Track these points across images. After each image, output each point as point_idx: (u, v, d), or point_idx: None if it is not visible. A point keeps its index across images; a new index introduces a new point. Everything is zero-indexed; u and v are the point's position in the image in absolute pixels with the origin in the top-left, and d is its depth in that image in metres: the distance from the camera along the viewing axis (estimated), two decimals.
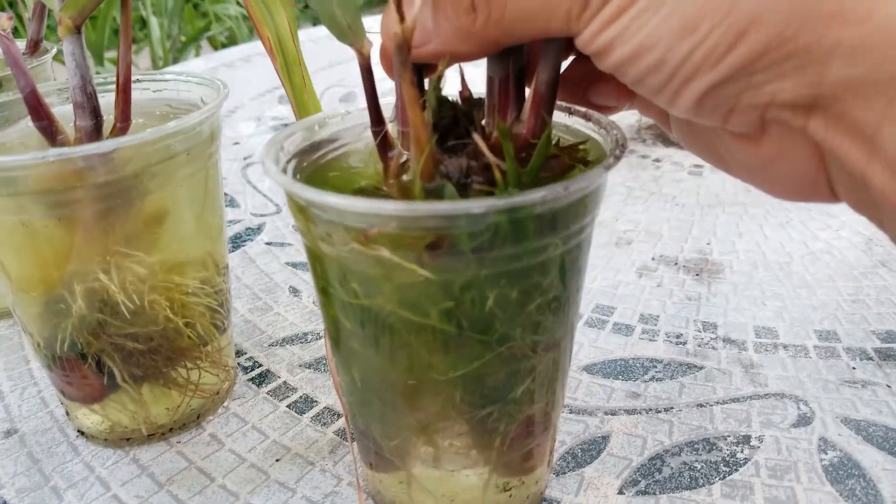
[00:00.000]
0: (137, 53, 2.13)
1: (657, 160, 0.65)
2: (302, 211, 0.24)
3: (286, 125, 0.77)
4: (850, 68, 0.19)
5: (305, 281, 0.47)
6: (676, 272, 0.47)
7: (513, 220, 0.21)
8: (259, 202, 0.59)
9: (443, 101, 0.23)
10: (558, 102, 0.30)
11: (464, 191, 0.22)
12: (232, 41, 2.15)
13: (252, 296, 0.46)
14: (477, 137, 0.22)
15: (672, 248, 0.50)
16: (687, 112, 0.22)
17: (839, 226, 0.51)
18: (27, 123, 0.35)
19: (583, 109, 0.29)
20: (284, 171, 0.26)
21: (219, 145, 0.35)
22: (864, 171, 0.20)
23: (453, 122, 0.23)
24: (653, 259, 0.48)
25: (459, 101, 0.24)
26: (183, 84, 0.36)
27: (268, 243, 0.52)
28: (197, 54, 1.93)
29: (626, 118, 0.75)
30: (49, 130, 0.34)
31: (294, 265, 0.49)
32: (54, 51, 0.45)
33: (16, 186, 0.28)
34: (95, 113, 0.34)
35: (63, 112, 0.35)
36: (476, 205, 0.20)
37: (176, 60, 1.85)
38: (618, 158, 0.24)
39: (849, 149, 0.20)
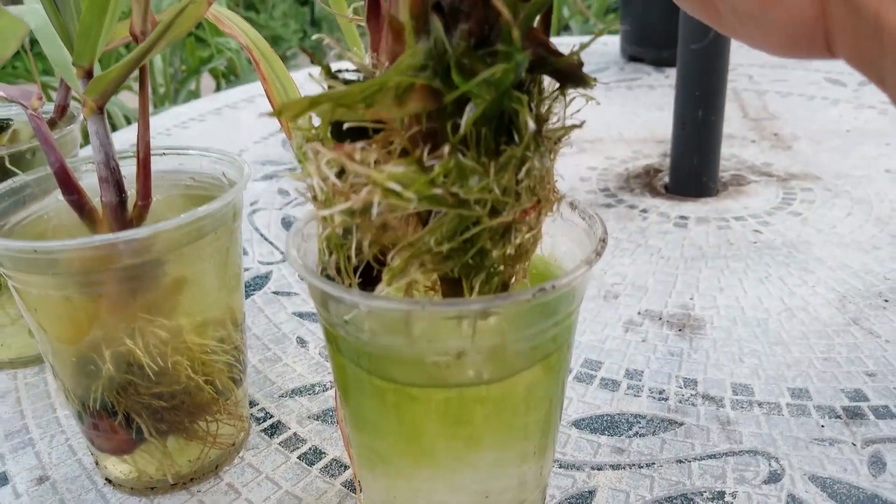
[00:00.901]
0: (136, 79, 2.17)
1: (644, 210, 0.68)
2: (321, 299, 0.26)
3: (292, 169, 0.80)
4: None
5: (312, 331, 0.50)
6: (660, 327, 0.49)
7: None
8: (266, 250, 0.62)
9: None
10: None
11: (453, 23, 0.21)
12: (231, 70, 2.19)
13: (262, 346, 0.48)
14: None
15: (657, 302, 0.53)
16: None
17: (815, 282, 0.55)
18: (58, 196, 0.38)
19: (570, 198, 0.32)
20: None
21: (241, 219, 0.37)
22: (878, 9, 0.19)
23: None
24: (639, 313, 0.51)
25: None
26: (206, 159, 0.39)
27: (275, 292, 0.55)
28: (197, 86, 1.96)
29: (615, 167, 0.78)
30: (79, 204, 0.37)
31: (301, 315, 0.52)
32: (80, 117, 0.48)
33: (56, 267, 0.31)
34: (119, 188, 0.37)
35: (90, 184, 0.38)
36: (473, 304, 0.23)
37: (177, 91, 1.88)
38: (599, 255, 0.27)
39: None
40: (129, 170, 0.37)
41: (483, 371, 0.25)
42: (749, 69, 1.11)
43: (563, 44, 1.33)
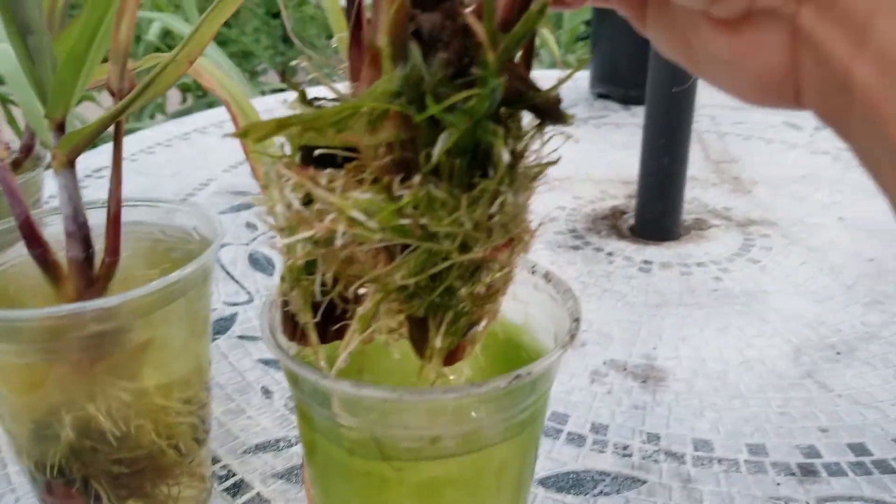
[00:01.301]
0: (101, 92, 2.14)
1: (610, 254, 0.69)
2: (293, 377, 0.27)
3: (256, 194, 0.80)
4: None
5: (277, 381, 0.50)
6: (625, 378, 0.50)
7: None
8: (231, 289, 0.61)
9: None
10: (525, 259, 0.34)
11: (431, 52, 0.21)
12: (199, 85, 2.17)
13: (225, 396, 0.48)
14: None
15: (622, 351, 0.54)
16: None
17: (772, 332, 0.56)
18: (22, 249, 0.37)
19: (545, 269, 0.32)
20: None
21: (212, 278, 0.37)
22: (849, 65, 0.19)
23: None
24: (604, 363, 0.52)
25: None
26: (177, 212, 0.39)
27: (240, 336, 0.55)
28: (163, 98, 1.94)
29: (583, 207, 0.80)
30: (43, 259, 0.36)
31: (266, 362, 0.52)
32: (47, 159, 0.48)
33: (19, 334, 0.30)
34: (87, 243, 0.36)
35: (55, 233, 0.38)
36: (450, 393, 0.23)
37: (142, 106, 1.86)
38: (573, 337, 0.27)
39: (836, 40, 0.19)
40: (96, 219, 0.37)
41: (456, 449, 0.26)
42: (711, 110, 1.14)
43: (534, 76, 1.34)
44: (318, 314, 0.25)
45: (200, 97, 2.12)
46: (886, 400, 0.48)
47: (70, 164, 0.36)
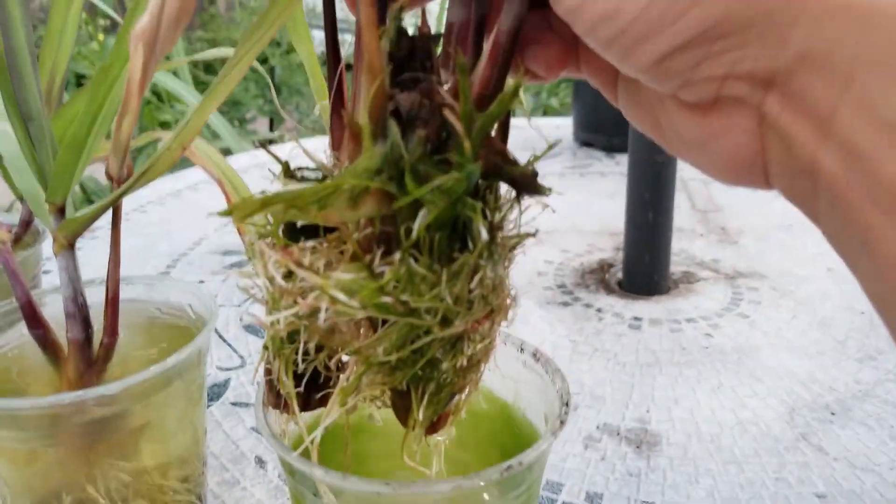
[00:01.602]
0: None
1: (599, 310, 0.69)
2: (289, 467, 0.27)
3: (240, 264, 0.80)
4: (811, 40, 0.19)
5: (270, 450, 0.49)
6: (619, 444, 0.50)
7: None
8: (224, 353, 0.61)
9: (402, 32, 0.22)
10: (512, 337, 0.34)
11: (410, 129, 0.21)
12: None
13: (220, 467, 0.48)
14: (433, 77, 0.22)
15: (614, 414, 0.54)
16: (642, 73, 0.21)
17: (765, 392, 0.56)
18: (22, 330, 0.37)
19: (533, 346, 0.33)
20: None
21: (207, 356, 0.37)
22: (814, 154, 0.19)
23: (410, 54, 0.22)
24: (597, 428, 0.52)
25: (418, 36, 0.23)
26: (173, 290, 0.39)
27: (233, 403, 0.55)
28: (154, 147, 1.94)
29: (571, 261, 0.80)
30: (44, 340, 0.36)
31: (259, 431, 0.51)
32: (45, 234, 0.48)
33: (20, 422, 0.30)
34: (86, 323, 0.36)
35: (54, 313, 0.38)
36: (442, 485, 0.24)
37: (135, 158, 1.86)
38: (563, 423, 0.28)
39: (801, 129, 0.20)
40: (94, 297, 0.37)
41: None
42: None
43: (516, 126, 1.36)
44: (302, 382, 0.25)
45: None
46: (884, 463, 0.48)
47: (70, 247, 0.36)
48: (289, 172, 0.23)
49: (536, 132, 1.35)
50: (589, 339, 0.64)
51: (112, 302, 0.36)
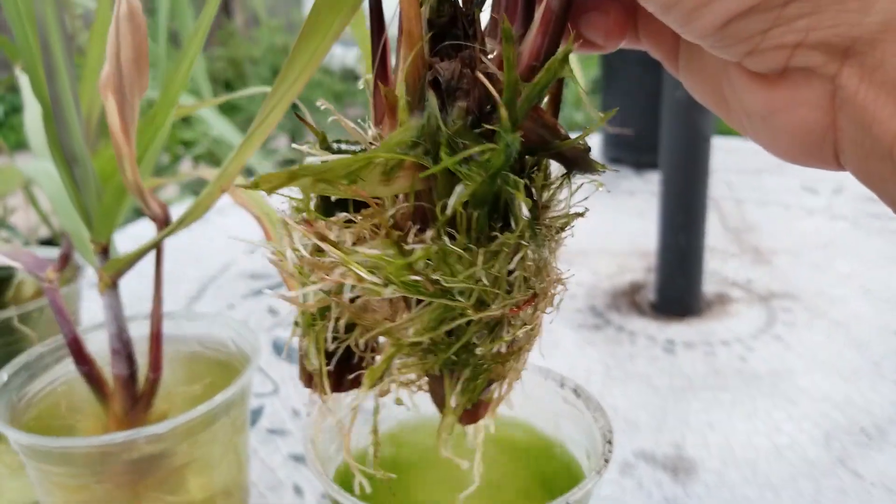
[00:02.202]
0: None
1: (632, 333, 0.69)
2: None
3: (274, 287, 0.81)
4: None
5: (307, 478, 0.50)
6: (654, 470, 0.50)
7: None
8: (257, 379, 0.62)
9: None
10: (552, 372, 0.34)
11: (450, 101, 0.20)
12: (210, 155, 2.21)
13: (258, 494, 0.48)
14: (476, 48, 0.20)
15: (649, 440, 0.53)
16: (704, 38, 0.20)
17: (800, 416, 0.56)
18: (69, 366, 0.38)
19: (574, 382, 0.33)
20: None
21: (251, 392, 0.38)
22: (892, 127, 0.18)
23: (452, 21, 0.21)
24: (633, 454, 0.52)
25: (461, 1, 0.21)
26: (214, 325, 0.40)
27: (269, 430, 0.55)
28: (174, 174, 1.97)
29: (601, 283, 0.80)
30: (90, 376, 0.37)
31: (296, 458, 0.52)
32: (85, 269, 0.49)
33: (72, 459, 0.31)
34: (130, 360, 0.37)
35: (99, 350, 0.39)
36: None
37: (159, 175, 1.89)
38: (608, 461, 0.28)
39: (882, 106, 0.18)
40: (135, 331, 0.38)
41: None
42: (726, 175, 1.15)
43: None
44: (333, 361, 0.23)
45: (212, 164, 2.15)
46: None
47: (114, 285, 0.37)
48: (325, 143, 0.22)
49: None
50: (622, 364, 0.64)
51: (155, 338, 0.37)
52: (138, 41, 0.32)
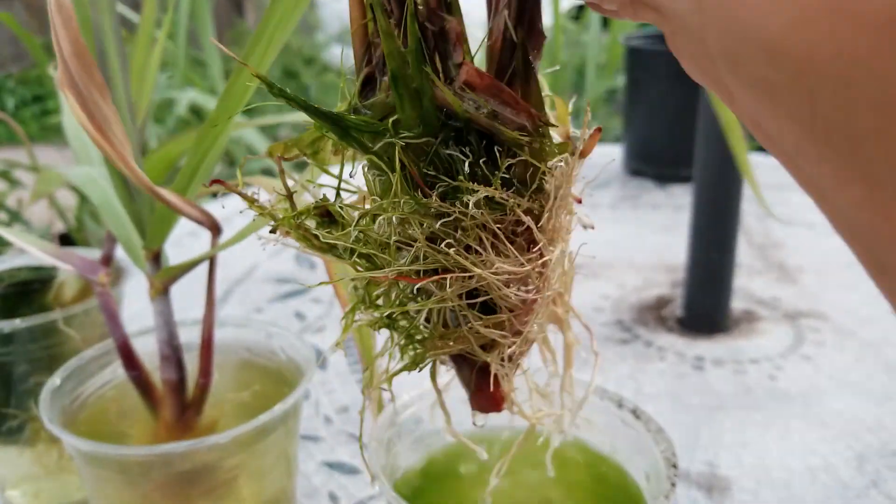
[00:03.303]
0: None
1: (661, 348, 0.69)
2: None
3: (309, 286, 0.81)
4: None
5: (342, 486, 0.50)
6: (689, 488, 0.50)
7: None
8: None
9: None
10: (609, 392, 0.34)
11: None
12: (227, 154, 2.22)
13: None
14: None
15: (683, 457, 0.53)
16: None
17: (833, 437, 0.56)
18: (117, 369, 0.38)
19: (632, 404, 0.33)
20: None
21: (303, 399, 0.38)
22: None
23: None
24: None
25: None
26: (262, 333, 0.40)
27: (302, 436, 0.55)
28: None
29: (628, 296, 0.80)
30: (139, 381, 0.37)
31: (331, 465, 0.52)
32: (128, 272, 0.49)
33: (131, 467, 0.31)
34: (180, 365, 0.38)
35: (148, 353, 0.39)
36: None
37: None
38: (674, 485, 0.28)
39: None
40: (184, 336, 0.38)
41: None
42: (748, 190, 1.15)
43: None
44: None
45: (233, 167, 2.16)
46: None
47: (165, 292, 0.37)
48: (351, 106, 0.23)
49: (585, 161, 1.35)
50: (653, 380, 0.64)
51: (206, 345, 0.38)
52: (73, 35, 0.30)
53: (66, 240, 1.35)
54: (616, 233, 1.00)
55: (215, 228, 0.37)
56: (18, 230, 0.39)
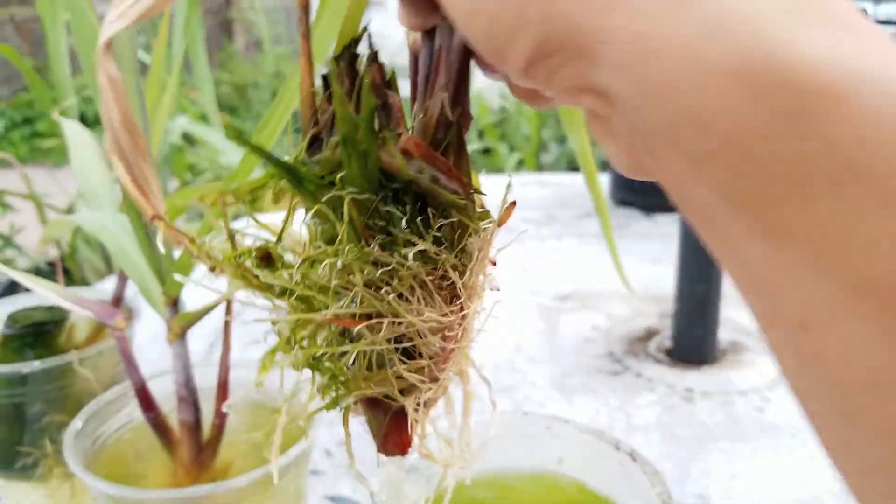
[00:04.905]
0: None
1: (650, 380, 0.71)
2: None
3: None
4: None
5: None
6: None
7: None
8: None
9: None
10: (607, 434, 0.36)
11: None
12: (219, 180, 2.23)
13: None
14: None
15: (675, 490, 0.55)
16: (516, 76, 0.21)
17: (822, 470, 0.58)
18: (133, 412, 0.40)
19: (629, 448, 0.35)
20: None
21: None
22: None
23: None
24: None
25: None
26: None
27: None
28: None
29: (617, 327, 0.82)
30: (156, 423, 0.39)
31: (332, 499, 0.53)
32: (138, 312, 0.50)
33: None
34: (196, 407, 0.39)
35: (163, 393, 0.40)
36: None
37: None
38: None
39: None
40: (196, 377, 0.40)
41: None
42: None
43: (549, 182, 1.39)
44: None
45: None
46: None
47: (183, 335, 0.39)
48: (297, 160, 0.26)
49: (570, 189, 1.38)
50: (643, 412, 0.66)
51: (222, 386, 0.39)
52: (123, 109, 0.32)
53: (52, 266, 1.35)
54: (604, 262, 1.02)
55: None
56: (32, 276, 0.41)
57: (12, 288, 1.32)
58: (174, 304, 0.39)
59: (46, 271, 1.38)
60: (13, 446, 0.44)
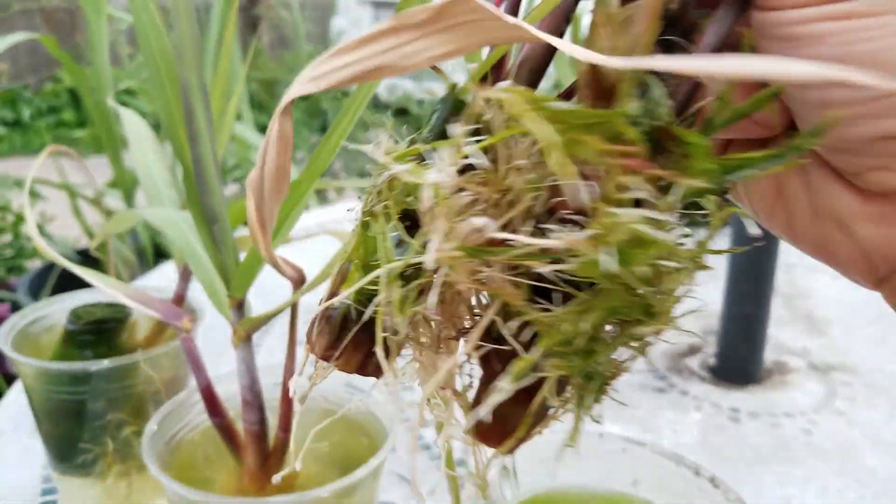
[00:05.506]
0: None
1: (696, 398, 0.70)
2: None
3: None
4: None
5: None
6: None
7: None
8: None
9: None
10: (686, 459, 0.35)
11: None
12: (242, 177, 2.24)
13: None
14: None
15: None
16: (844, 147, 0.19)
17: (872, 496, 0.57)
18: (201, 416, 0.40)
19: (709, 472, 0.34)
20: None
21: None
22: None
23: (681, 13, 0.19)
24: None
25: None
26: (342, 382, 0.41)
27: None
28: None
29: (661, 344, 0.81)
30: (222, 426, 0.38)
31: None
32: (201, 313, 0.50)
33: None
34: (261, 411, 0.39)
35: (229, 396, 0.40)
36: None
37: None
38: None
39: None
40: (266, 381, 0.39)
41: None
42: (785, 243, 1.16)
43: None
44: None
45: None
46: None
47: (248, 339, 0.39)
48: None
49: None
50: (690, 430, 0.65)
51: (287, 397, 0.39)
52: (282, 160, 0.32)
53: (84, 254, 1.36)
54: None
55: (301, 282, 0.38)
56: (97, 273, 0.41)
57: (45, 275, 1.33)
58: (240, 307, 0.39)
59: (78, 261, 1.39)
60: (73, 442, 0.44)
